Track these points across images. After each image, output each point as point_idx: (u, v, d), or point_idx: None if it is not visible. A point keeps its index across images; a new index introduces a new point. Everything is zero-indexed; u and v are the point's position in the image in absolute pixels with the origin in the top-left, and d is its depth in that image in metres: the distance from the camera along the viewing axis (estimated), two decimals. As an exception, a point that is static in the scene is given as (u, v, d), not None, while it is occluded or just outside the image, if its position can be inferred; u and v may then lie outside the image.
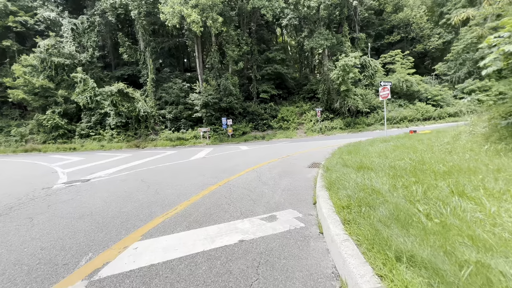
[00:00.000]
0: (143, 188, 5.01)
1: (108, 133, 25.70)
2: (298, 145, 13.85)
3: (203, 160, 9.46)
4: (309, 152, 9.94)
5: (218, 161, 8.65)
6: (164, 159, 10.60)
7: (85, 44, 28.30)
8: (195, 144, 24.14)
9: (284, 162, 7.53)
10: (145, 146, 24.61)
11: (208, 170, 6.78)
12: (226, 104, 25.40)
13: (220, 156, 10.27)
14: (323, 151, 9.96)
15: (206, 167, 7.51)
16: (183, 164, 8.56)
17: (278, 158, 8.50)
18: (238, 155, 10.42)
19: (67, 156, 15.56)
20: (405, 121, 25.05)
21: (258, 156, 9.69)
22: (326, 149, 10.87)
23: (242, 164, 7.69)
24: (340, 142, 14.00)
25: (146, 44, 26.96)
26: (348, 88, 23.90)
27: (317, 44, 25.58)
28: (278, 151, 11.26)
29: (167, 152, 14.72)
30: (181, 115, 26.63)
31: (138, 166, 8.50)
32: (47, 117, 24.34)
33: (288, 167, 6.68)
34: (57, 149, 23.54)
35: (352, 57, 22.64)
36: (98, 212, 3.61)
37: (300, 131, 26.33)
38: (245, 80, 30.86)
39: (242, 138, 24.68)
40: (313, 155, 8.99)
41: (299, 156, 8.74)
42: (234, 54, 25.63)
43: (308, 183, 4.69)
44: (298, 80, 33.30)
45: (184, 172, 6.69)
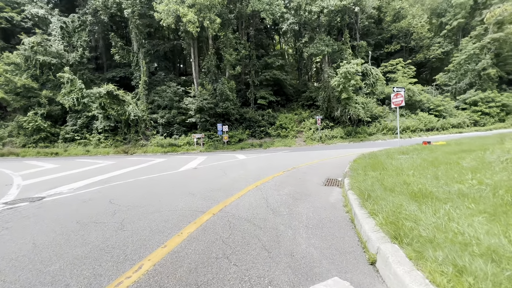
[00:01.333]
0: (106, 216, 3.61)
1: (95, 138, 24.02)
2: (301, 155, 12.59)
3: (194, 171, 8.07)
4: (317, 164, 8.67)
5: (212, 174, 7.28)
6: (149, 169, 9.16)
7: (75, 43, 26.87)
8: (188, 151, 22.69)
9: (292, 177, 6.22)
10: (134, 152, 23.01)
11: (199, 187, 5.40)
12: (222, 110, 24.13)
13: (215, 167, 8.90)
14: (332, 163, 8.72)
15: (197, 181, 6.13)
16: (170, 176, 7.16)
17: (283, 171, 7.19)
18: (235, 166, 9.07)
19: (42, 163, 13.90)
20: (407, 131, 24.18)
21: (258, 167, 8.36)
22: (334, 160, 9.64)
23: (241, 178, 6.34)
24: (346, 152, 12.81)
25: (140, 45, 25.71)
26: (349, 96, 22.99)
27: (318, 50, 24.78)
28: (280, 161, 9.97)
29: (155, 160, 13.25)
30: (174, 120, 25.20)
31: (115, 179, 7.06)
32: (28, 119, 22.56)
33: (298, 184, 5.37)
34: (37, 154, 21.70)
35: (354, 64, 21.82)
36: (6, 272, 2.20)
37: (299, 140, 25.17)
38: (243, 85, 29.78)
39: (238, 146, 23.35)
40: (322, 167, 7.72)
41: (307, 169, 7.45)
42: (232, 58, 24.57)
43: (338, 213, 3.38)
44: (296, 87, 32.41)
45: (169, 189, 5.30)
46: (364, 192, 3.40)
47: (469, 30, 28.60)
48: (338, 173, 6.58)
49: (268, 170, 7.64)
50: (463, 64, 26.38)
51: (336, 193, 4.46)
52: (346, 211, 3.38)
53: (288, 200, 4.07)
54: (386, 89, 27.40)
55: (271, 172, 7.09)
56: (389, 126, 24.50)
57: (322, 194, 4.41)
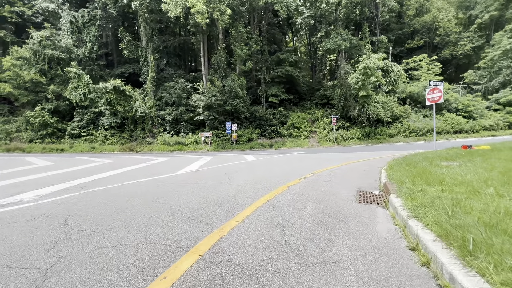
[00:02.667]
0: (39, 251, 2.39)
1: (101, 134, 23.44)
2: (316, 158, 11.15)
3: (194, 175, 6.84)
4: (338, 169, 7.23)
5: (214, 180, 6.01)
6: (145, 171, 8.02)
7: (84, 38, 26.47)
8: (194, 150, 21.66)
9: (313, 187, 4.85)
10: (139, 150, 22.23)
11: (192, 200, 4.14)
12: (231, 107, 22.94)
13: (219, 170, 7.65)
14: (357, 169, 7.24)
15: (192, 191, 4.87)
16: (163, 181, 5.95)
17: (299, 178, 5.83)
18: (242, 169, 7.77)
19: (39, 160, 13.14)
20: (432, 134, 22.06)
21: (269, 172, 7.02)
22: (357, 165, 8.13)
23: (248, 187, 5.03)
24: (368, 155, 11.25)
25: (148, 39, 24.93)
26: (368, 94, 21.22)
27: (335, 45, 23.09)
28: (295, 165, 8.59)
29: (156, 160, 12.17)
30: (182, 118, 24.26)
31: (98, 183, 5.93)
32: (35, 114, 22.23)
33: (324, 199, 4.00)
34: (42, 150, 21.30)
35: (375, 58, 20.04)
36: None
37: (313, 140, 23.60)
38: (253, 82, 28.51)
39: (248, 146, 22.09)
40: (347, 174, 6.28)
41: (328, 176, 6.04)
42: (243, 53, 23.33)
43: (403, 262, 2.00)
44: (310, 84, 30.77)
45: (152, 202, 4.06)
46: (451, 231, 2.00)
47: (503, 24, 26.02)
48: (371, 184, 5.15)
49: (281, 176, 6.29)
50: (497, 61, 23.92)
51: (383, 218, 3.06)
52: (421, 263, 1.99)
53: (316, 230, 2.72)
54: (408, 87, 25.33)
55: (285, 179, 5.74)
56: (412, 128, 22.51)
57: (362, 219, 3.03)
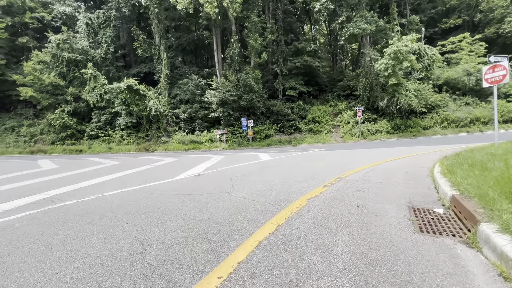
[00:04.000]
0: None
1: (117, 135, 23.45)
2: (342, 156, 9.54)
3: (191, 182, 5.68)
4: (372, 171, 5.66)
5: (213, 190, 4.81)
6: (142, 175, 7.05)
7: (100, 39, 26.64)
8: (210, 149, 20.82)
9: (342, 201, 3.43)
10: (155, 149, 21.85)
11: (170, 227, 2.94)
12: (246, 103, 21.71)
13: (223, 174, 6.44)
14: (394, 169, 5.60)
15: (177, 210, 3.69)
16: (151, 191, 4.86)
17: (323, 186, 4.42)
18: (252, 173, 6.50)
19: (49, 162, 12.88)
20: (477, 124, 19.17)
21: (285, 176, 5.65)
22: (392, 164, 6.47)
23: (253, 201, 3.74)
24: (404, 151, 9.40)
25: (161, 36, 24.38)
26: (399, 81, 18.82)
27: (359, 30, 20.80)
28: (316, 165, 7.13)
29: (164, 161, 11.30)
30: (196, 115, 23.52)
31: (75, 194, 4.98)
32: (55, 116, 22.72)
33: (362, 224, 2.59)
34: (63, 151, 21.71)
35: (407, 41, 17.62)
36: None
37: (335, 135, 21.69)
38: (270, 75, 26.98)
39: (265, 143, 20.77)
40: (386, 180, 4.71)
41: (361, 182, 4.54)
42: (257, 44, 21.91)
43: None
44: (331, 75, 28.58)
45: (109, 230, 2.93)
46: None
47: None
48: (425, 194, 3.61)
49: (299, 182, 4.92)
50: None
51: (481, 276, 1.63)
52: None
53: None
54: (445, 73, 22.33)
55: (304, 188, 4.36)
56: (451, 118, 19.73)
57: (443, 278, 1.62)
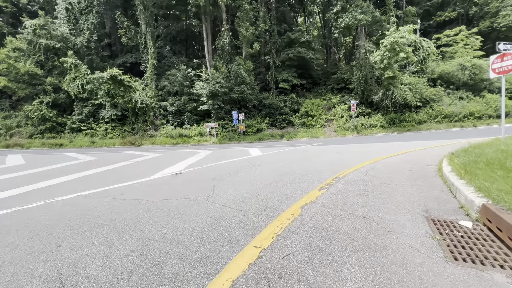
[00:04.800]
0: None
1: (101, 128, 22.20)
2: (337, 151, 8.91)
3: (167, 183, 4.91)
4: (373, 169, 5.02)
5: (187, 195, 4.05)
6: (115, 174, 6.21)
7: (82, 26, 24.97)
8: (199, 143, 19.95)
9: (343, 210, 2.75)
10: (141, 143, 20.82)
11: (116, 253, 2.19)
12: (237, 95, 20.82)
13: (206, 173, 5.69)
14: (397, 167, 4.94)
15: (135, 223, 2.93)
16: (114, 196, 4.07)
17: (319, 188, 3.74)
18: (238, 172, 5.77)
19: (17, 157, 11.78)
20: (471, 118, 18.96)
21: (274, 176, 4.94)
22: (393, 161, 5.82)
23: (233, 211, 3.02)
24: (402, 147, 8.85)
25: (147, 23, 23.00)
26: (394, 74, 18.32)
27: (354, 20, 20.09)
28: (310, 162, 6.45)
29: (146, 156, 10.42)
30: (185, 108, 22.47)
31: (20, 199, 4.14)
32: (33, 108, 21.25)
33: (373, 246, 1.91)
34: (42, 145, 20.38)
35: (404, 32, 17.02)
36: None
37: (329, 129, 21.15)
38: (262, 67, 26.06)
39: (256, 137, 20.05)
40: (391, 180, 4.05)
41: (362, 183, 3.88)
42: (249, 34, 20.90)
43: None
44: (325, 68, 27.89)
45: (27, 259, 2.17)
46: None
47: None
48: (441, 199, 2.96)
49: (291, 183, 4.22)
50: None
51: None
52: None
53: None
54: (440, 66, 21.97)
55: (297, 190, 3.67)
56: (445, 112, 19.45)
57: None
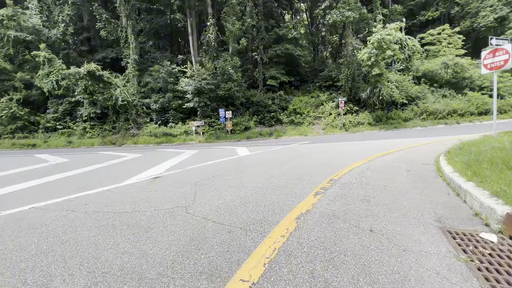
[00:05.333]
0: None
1: (79, 127, 20.88)
2: (327, 150, 8.59)
3: (142, 190, 4.33)
4: (367, 169, 4.68)
5: (163, 205, 3.52)
6: (86, 178, 5.53)
7: (56, 18, 23.33)
8: (184, 142, 19.19)
9: (345, 221, 2.35)
10: (122, 143, 19.77)
11: None
12: (224, 92, 20.19)
13: (188, 177, 5.15)
14: (392, 167, 4.59)
15: (94, 246, 2.37)
16: (75, 208, 3.46)
17: (313, 193, 3.32)
18: (223, 175, 5.27)
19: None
20: (454, 116, 19.38)
21: (263, 179, 4.49)
22: (387, 160, 5.51)
23: (215, 227, 2.53)
24: (390, 145, 8.67)
25: (127, 16, 21.81)
26: (381, 71, 18.37)
27: (342, 17, 19.96)
28: (300, 162, 6.05)
29: (125, 157, 9.67)
30: (170, 105, 21.57)
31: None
32: (2, 106, 19.62)
33: (393, 276, 1.49)
34: (12, 146, 18.86)
35: (391, 29, 17.04)
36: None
37: (317, 127, 20.98)
38: (249, 64, 25.53)
39: (244, 135, 19.55)
40: (390, 182, 3.71)
41: (360, 186, 3.50)
42: (235, 29, 20.28)
43: None
44: (313, 65, 27.76)
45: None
46: None
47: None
48: (450, 205, 2.60)
49: (281, 188, 3.78)
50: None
51: None
52: None
53: None
54: (425, 64, 22.34)
55: (291, 197, 3.23)
56: (430, 110, 19.77)
57: None
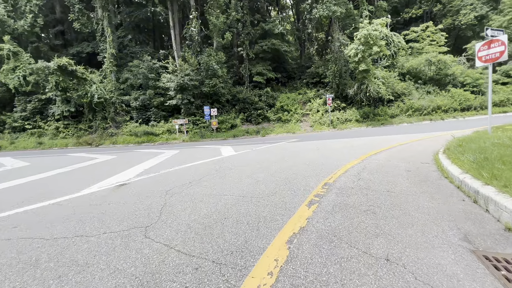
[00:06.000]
0: None
1: (51, 126, 19.33)
2: (317, 148, 8.10)
3: (98, 203, 3.59)
4: (364, 171, 4.18)
5: (121, 224, 2.82)
6: (42, 186, 4.67)
7: (23, 8, 21.42)
8: (167, 141, 18.22)
9: (348, 243, 1.78)
10: (100, 143, 18.49)
11: None
12: (208, 89, 19.33)
13: (162, 181, 4.44)
14: (391, 167, 4.10)
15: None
16: (6, 228, 2.70)
17: (308, 204, 2.75)
18: (204, 179, 4.60)
19: None
20: (438, 112, 19.60)
21: (249, 184, 3.88)
22: (382, 158, 5.03)
23: (187, 254, 1.89)
24: (380, 142, 8.32)
25: (103, 7, 20.36)
26: (368, 68, 18.19)
27: (328, 11, 19.59)
28: (288, 164, 5.49)
29: (98, 159, 8.73)
30: (151, 103, 20.42)
31: None
32: (-40, 104, 17.77)
33: None
34: (-27, 148, 17.13)
35: (377, 24, 16.85)
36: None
37: (305, 124, 20.61)
38: (235, 60, 24.73)
39: (230, 133, 18.83)
40: (394, 187, 3.20)
41: (360, 192, 2.96)
42: (219, 22, 19.41)
43: None
44: (300, 62, 27.36)
45: None
46: None
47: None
48: (474, 217, 2.09)
49: (270, 194, 3.18)
50: (508, 28, 21.41)
51: None
52: None
53: None
54: (410, 61, 22.49)
55: (280, 210, 2.62)
56: (416, 106, 19.89)
57: None
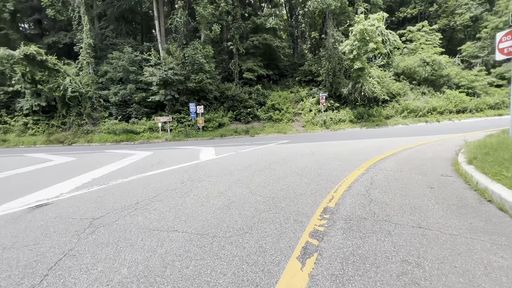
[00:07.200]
0: None
1: (19, 122, 17.53)
2: (312, 152, 6.99)
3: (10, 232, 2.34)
4: (368, 183, 3.11)
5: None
6: None
7: (-10, -9, 19.43)
8: (148, 140, 16.83)
9: None
10: (73, 141, 16.89)
11: None
12: (195, 84, 18.00)
13: (101, 197, 3.21)
14: (399, 179, 2.98)
15: None
16: None
17: (301, 255, 1.63)
18: (164, 194, 3.40)
19: None
20: (434, 113, 19.00)
21: (222, 204, 2.73)
22: (390, 166, 3.93)
23: None
24: (380, 145, 7.31)
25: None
26: (363, 66, 17.33)
27: (322, 4, 18.58)
28: (279, 174, 4.36)
29: (53, 161, 7.34)
30: (132, 98, 18.89)
31: None
32: None
33: None
34: None
35: (374, 19, 15.96)
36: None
37: (297, 124, 19.59)
38: (224, 55, 23.43)
39: (218, 132, 17.60)
40: (424, 219, 2.14)
41: (372, 225, 1.89)
42: (207, 13, 18.07)
43: None
44: (292, 59, 26.32)
45: None
46: None
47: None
48: None
49: (246, 231, 2.03)
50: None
51: None
52: None
53: None
54: (405, 61, 21.81)
55: (258, 265, 1.50)
56: (411, 107, 19.21)
57: None
